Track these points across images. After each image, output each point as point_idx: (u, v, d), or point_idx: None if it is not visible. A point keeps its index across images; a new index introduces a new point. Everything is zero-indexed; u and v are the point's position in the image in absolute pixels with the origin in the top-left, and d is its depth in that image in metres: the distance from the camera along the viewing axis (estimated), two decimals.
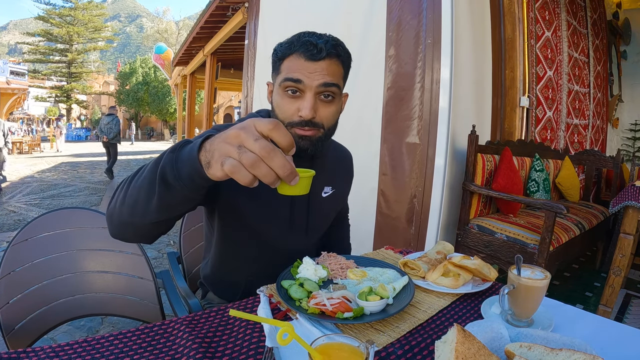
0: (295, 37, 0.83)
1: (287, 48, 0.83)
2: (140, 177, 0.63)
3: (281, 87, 0.83)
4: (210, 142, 0.53)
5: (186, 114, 10.83)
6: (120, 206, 0.66)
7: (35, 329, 0.96)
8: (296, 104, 0.82)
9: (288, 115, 0.83)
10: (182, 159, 0.56)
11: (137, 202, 0.63)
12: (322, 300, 0.70)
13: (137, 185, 0.63)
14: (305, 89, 0.81)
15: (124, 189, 0.66)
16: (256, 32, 4.22)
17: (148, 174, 0.61)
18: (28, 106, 33.67)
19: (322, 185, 1.02)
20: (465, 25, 2.29)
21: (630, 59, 4.79)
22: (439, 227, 2.14)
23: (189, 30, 7.31)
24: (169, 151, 0.59)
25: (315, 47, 0.80)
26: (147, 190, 0.61)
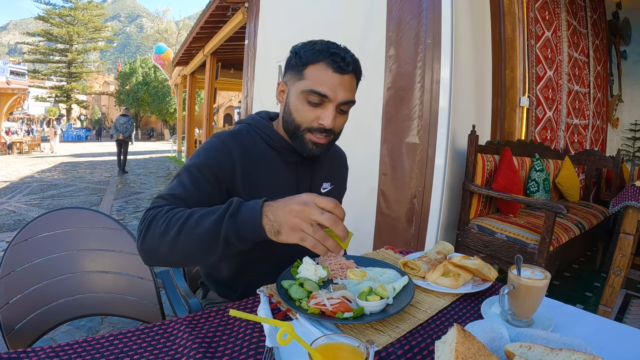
0: (320, 45, 0.86)
1: (313, 55, 0.85)
2: (193, 232, 0.68)
3: (303, 94, 0.86)
4: (272, 211, 0.64)
5: (186, 114, 10.84)
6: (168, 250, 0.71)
7: (35, 329, 0.96)
8: (316, 112, 0.86)
9: (307, 121, 0.87)
10: (243, 224, 0.65)
11: (195, 252, 0.70)
12: (322, 300, 0.70)
13: (193, 239, 0.68)
14: (329, 102, 0.85)
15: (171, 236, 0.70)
16: (256, 32, 4.22)
17: (206, 233, 0.67)
18: (28, 106, 33.69)
19: (321, 181, 1.05)
20: (465, 25, 2.29)
21: (630, 59, 4.79)
22: (439, 227, 2.14)
23: (189, 30, 7.31)
24: (228, 216, 0.66)
25: (343, 60, 0.84)
26: (207, 247, 0.68)
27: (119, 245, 1.09)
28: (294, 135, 0.90)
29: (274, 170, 0.94)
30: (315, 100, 0.85)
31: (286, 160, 0.96)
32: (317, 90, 0.84)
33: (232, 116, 29.62)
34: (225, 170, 0.87)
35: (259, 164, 0.92)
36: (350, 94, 0.87)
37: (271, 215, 0.64)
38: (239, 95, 24.02)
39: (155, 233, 0.71)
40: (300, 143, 0.90)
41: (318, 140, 0.88)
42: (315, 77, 0.84)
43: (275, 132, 0.95)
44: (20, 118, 30.02)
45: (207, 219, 0.68)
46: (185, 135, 11.00)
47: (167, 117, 29.04)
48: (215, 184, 0.86)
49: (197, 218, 0.69)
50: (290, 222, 0.62)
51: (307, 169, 1.00)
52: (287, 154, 0.96)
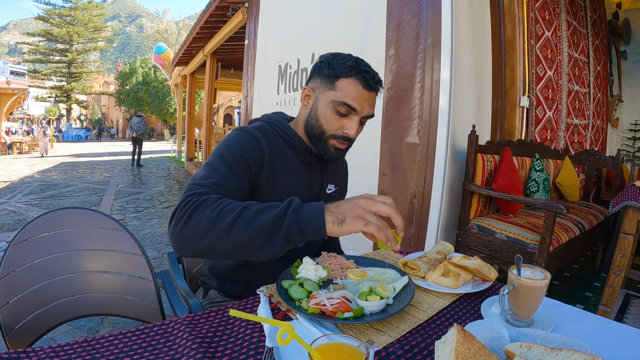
0: (353, 62, 0.92)
1: (346, 69, 0.91)
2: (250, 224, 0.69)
3: (333, 104, 0.92)
4: (335, 207, 0.71)
5: (186, 114, 10.84)
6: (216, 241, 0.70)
7: (35, 329, 0.96)
8: (342, 122, 0.93)
9: (333, 129, 0.94)
10: (307, 219, 0.70)
11: (248, 245, 0.70)
12: (322, 300, 0.70)
13: (250, 232, 0.69)
14: (355, 115, 0.93)
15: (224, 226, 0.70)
16: (256, 32, 4.22)
17: (266, 226, 0.69)
18: (28, 106, 33.70)
19: (327, 182, 1.10)
20: (465, 25, 2.29)
21: (630, 59, 4.79)
22: (439, 227, 2.14)
23: (189, 30, 7.31)
24: (292, 210, 0.70)
25: (373, 79, 0.91)
26: (263, 240, 0.69)
27: (119, 245, 1.09)
28: (318, 139, 0.96)
29: (292, 167, 0.99)
30: (344, 111, 0.92)
31: (302, 159, 1.02)
32: (347, 103, 0.90)
33: (232, 116, 29.62)
34: (257, 162, 0.92)
35: (281, 160, 0.97)
36: (373, 109, 0.95)
37: (334, 209, 0.70)
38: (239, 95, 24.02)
39: (201, 221, 0.70)
40: (323, 147, 0.96)
41: (340, 145, 0.96)
42: (347, 90, 0.91)
43: (294, 132, 1.01)
44: (20, 118, 30.02)
45: (268, 213, 0.70)
46: (185, 135, 11.00)
47: (167, 117, 29.03)
48: (248, 173, 0.90)
49: (256, 211, 0.70)
50: (354, 212, 0.69)
51: (319, 170, 1.06)
52: (303, 153, 1.02)
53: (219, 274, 1.05)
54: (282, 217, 0.69)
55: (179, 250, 0.75)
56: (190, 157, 10.53)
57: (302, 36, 3.36)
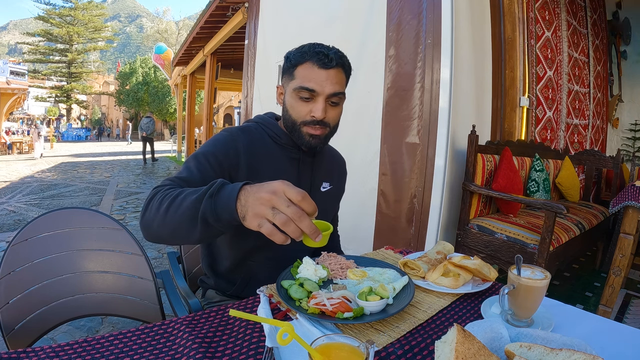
0: (307, 47, 0.94)
1: (300, 56, 0.93)
2: (178, 209, 0.70)
3: (295, 92, 0.94)
4: (245, 196, 0.63)
5: (186, 114, 10.84)
6: (159, 225, 0.73)
7: (35, 329, 0.96)
8: (309, 107, 0.94)
9: (301, 115, 0.95)
10: (220, 206, 0.65)
11: (179, 229, 0.71)
12: (322, 300, 0.70)
13: (177, 216, 0.70)
14: (318, 96, 0.93)
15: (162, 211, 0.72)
16: (256, 32, 4.22)
17: (187, 211, 0.68)
18: (28, 106, 33.70)
19: (321, 180, 1.10)
20: (465, 25, 2.29)
21: (630, 59, 4.79)
22: (439, 227, 2.14)
23: (189, 30, 7.31)
24: (208, 196, 0.66)
25: (326, 57, 0.91)
26: (188, 224, 0.69)
27: (119, 245, 1.09)
28: (293, 130, 0.97)
29: (278, 164, 1.00)
30: (306, 95, 0.93)
31: (290, 156, 1.02)
32: (305, 86, 0.92)
33: (232, 116, 29.61)
34: (230, 160, 0.93)
35: (264, 158, 0.98)
36: (338, 86, 0.94)
37: (243, 199, 0.63)
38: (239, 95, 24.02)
39: (152, 209, 0.75)
40: (299, 136, 0.97)
41: (314, 131, 0.95)
42: (303, 75, 0.93)
43: (280, 129, 1.02)
44: (20, 118, 30.02)
45: (191, 197, 0.69)
46: (185, 135, 11.00)
47: (167, 117, 29.01)
48: (220, 172, 0.91)
49: (184, 196, 0.71)
50: (255, 208, 0.61)
51: (308, 166, 1.05)
52: (290, 150, 1.02)
53: (216, 272, 1.06)
54: (200, 202, 0.67)
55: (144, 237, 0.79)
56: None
57: (302, 36, 3.36)
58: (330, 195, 1.13)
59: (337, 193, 1.17)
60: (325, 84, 0.92)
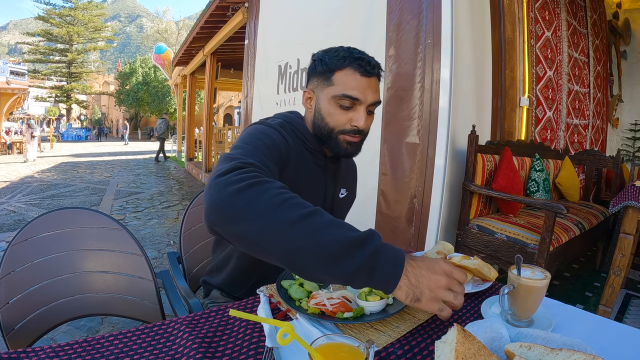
0: (345, 52, 0.90)
1: (339, 60, 0.88)
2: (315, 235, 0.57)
3: (334, 99, 0.90)
4: (415, 274, 0.61)
5: (186, 114, 10.83)
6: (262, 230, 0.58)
7: (35, 329, 0.96)
8: (348, 115, 0.90)
9: (340, 124, 0.91)
10: (381, 270, 0.58)
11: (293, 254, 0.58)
12: (322, 300, 0.70)
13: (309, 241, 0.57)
14: (360, 105, 0.90)
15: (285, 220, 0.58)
16: (256, 32, 4.22)
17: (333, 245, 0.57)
18: (28, 106, 33.69)
19: (340, 187, 1.09)
20: (465, 25, 2.29)
21: (630, 59, 4.79)
22: (439, 227, 2.14)
23: (189, 30, 7.31)
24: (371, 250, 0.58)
25: (369, 64, 0.89)
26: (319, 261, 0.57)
27: (119, 245, 1.09)
28: (328, 138, 0.93)
29: (309, 169, 0.97)
30: (347, 104, 0.89)
31: (317, 162, 0.99)
32: (348, 94, 0.88)
33: (232, 116, 29.61)
34: (282, 156, 0.87)
35: (301, 161, 0.95)
36: (377, 95, 0.92)
37: (413, 278, 0.60)
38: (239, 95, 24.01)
39: (259, 200, 0.60)
40: (336, 144, 0.93)
41: (352, 139, 0.92)
42: (344, 82, 0.88)
43: (310, 133, 0.98)
44: (20, 118, 29.99)
45: (343, 231, 0.58)
46: (185, 135, 11.00)
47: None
48: (279, 164, 0.84)
49: (329, 222, 0.59)
50: (435, 292, 0.62)
51: (332, 174, 1.04)
52: (318, 156, 0.99)
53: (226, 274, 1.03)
54: (358, 248, 0.57)
55: (212, 220, 0.61)
56: (190, 157, 10.52)
57: (302, 36, 3.36)
58: (347, 200, 1.13)
59: (351, 198, 1.17)
60: (368, 92, 0.89)
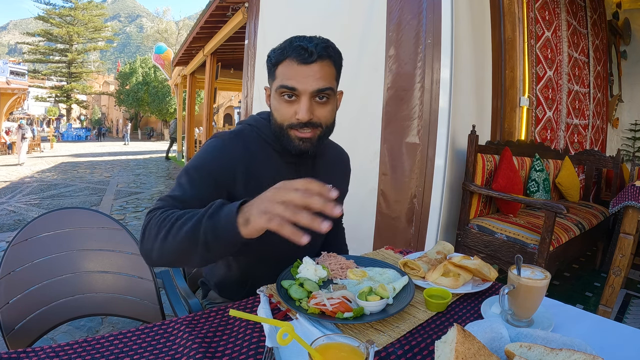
0: (287, 43, 0.86)
1: (280, 54, 0.86)
2: (178, 234, 0.68)
3: (277, 93, 0.87)
4: (247, 207, 0.62)
5: (186, 114, 10.83)
6: (159, 252, 0.72)
7: (35, 329, 0.96)
8: (293, 108, 0.86)
9: (286, 118, 0.87)
10: (221, 223, 0.64)
11: (180, 254, 0.70)
12: (322, 300, 0.70)
13: (177, 242, 0.68)
14: (301, 94, 0.84)
15: (160, 238, 0.70)
16: (256, 32, 4.22)
17: (187, 235, 0.67)
18: (28, 106, 33.68)
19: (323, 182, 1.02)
20: (465, 25, 2.29)
21: (630, 59, 4.79)
22: (439, 227, 2.14)
23: (189, 30, 7.31)
24: (207, 216, 0.66)
25: (306, 51, 0.83)
26: (188, 248, 0.67)
27: (119, 245, 1.09)
28: (281, 134, 0.90)
29: (276, 171, 0.93)
30: (288, 95, 0.85)
31: (286, 161, 0.95)
32: (285, 84, 0.84)
33: (232, 116, 29.60)
34: (225, 173, 0.87)
35: (261, 164, 0.92)
36: (323, 81, 0.84)
37: (246, 209, 0.62)
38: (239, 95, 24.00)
39: (150, 235, 0.73)
40: (287, 141, 0.89)
41: (303, 134, 0.87)
42: (283, 73, 0.85)
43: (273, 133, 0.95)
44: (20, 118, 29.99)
45: (190, 221, 0.68)
46: (185, 135, 11.00)
47: (167, 117, 29.00)
48: (214, 187, 0.85)
49: (184, 220, 0.69)
50: (261, 206, 0.60)
51: (308, 169, 0.99)
52: (286, 154, 0.95)
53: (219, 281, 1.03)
54: (199, 223, 0.66)
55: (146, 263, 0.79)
56: (190, 157, 10.53)
57: None
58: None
59: (341, 196, 1.11)
60: (308, 80, 0.83)
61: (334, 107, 0.91)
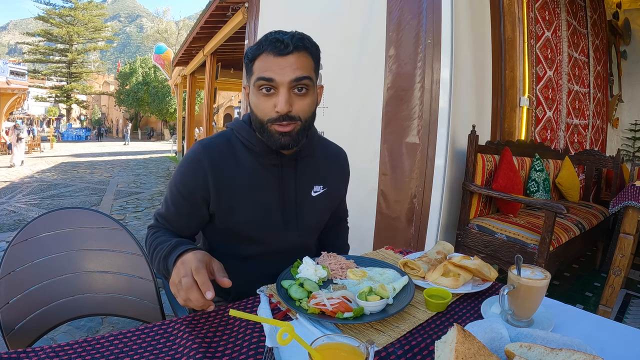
0: (262, 38, 0.86)
1: (256, 49, 0.85)
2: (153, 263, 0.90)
3: (255, 87, 0.85)
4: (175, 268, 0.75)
5: (186, 114, 10.84)
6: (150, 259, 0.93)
7: (35, 329, 0.96)
8: (272, 101, 0.84)
9: (266, 112, 0.85)
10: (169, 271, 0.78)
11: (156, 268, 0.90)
12: (322, 300, 0.70)
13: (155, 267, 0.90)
14: (279, 86, 0.83)
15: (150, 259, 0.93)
16: (256, 32, 4.22)
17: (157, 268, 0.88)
18: (28, 106, 33.67)
19: (312, 184, 1.01)
20: (465, 25, 2.29)
21: (630, 59, 4.79)
22: (439, 227, 2.14)
23: (189, 30, 7.31)
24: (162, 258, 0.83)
25: (282, 42, 0.82)
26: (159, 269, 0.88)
27: (119, 245, 1.09)
28: (262, 131, 0.88)
29: (253, 175, 0.92)
30: (266, 87, 0.84)
31: (267, 163, 0.94)
32: (262, 76, 0.83)
33: (232, 116, 29.60)
34: (199, 185, 0.90)
35: (235, 171, 0.91)
36: (300, 71, 0.83)
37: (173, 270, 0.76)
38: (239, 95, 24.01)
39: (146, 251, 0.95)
40: (269, 137, 0.87)
41: (282, 128, 0.85)
42: (260, 67, 0.84)
43: (254, 136, 0.93)
44: (20, 118, 29.99)
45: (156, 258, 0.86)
46: (185, 135, 11.00)
47: (167, 117, 29.01)
48: (189, 201, 0.92)
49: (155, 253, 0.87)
50: (171, 280, 0.73)
51: (291, 170, 0.96)
52: (267, 157, 0.93)
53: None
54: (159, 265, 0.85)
55: None
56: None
57: None
58: (325, 198, 1.03)
59: (334, 195, 1.07)
60: (284, 71, 0.81)
61: (314, 100, 0.89)
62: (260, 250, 0.98)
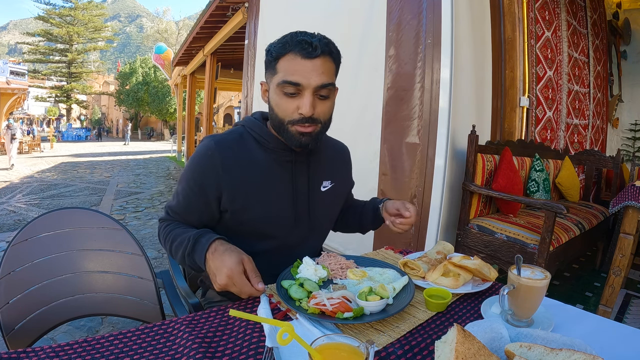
0: (288, 37, 0.85)
1: (281, 47, 0.85)
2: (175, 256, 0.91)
3: (279, 88, 0.86)
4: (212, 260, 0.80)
5: (186, 114, 10.84)
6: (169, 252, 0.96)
7: (35, 329, 0.96)
8: (295, 103, 0.85)
9: (288, 113, 0.86)
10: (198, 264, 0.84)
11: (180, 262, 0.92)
12: (322, 300, 0.70)
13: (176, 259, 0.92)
14: (304, 90, 0.84)
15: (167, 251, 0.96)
16: (256, 32, 4.22)
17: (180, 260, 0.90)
18: (28, 106, 33.68)
19: (321, 180, 1.03)
20: (465, 25, 2.29)
21: (630, 59, 4.79)
22: (439, 227, 2.14)
23: (189, 30, 7.31)
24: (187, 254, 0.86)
25: (310, 45, 0.82)
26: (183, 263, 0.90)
27: (119, 245, 1.09)
28: (281, 130, 0.89)
29: (266, 172, 0.93)
30: (291, 91, 0.84)
31: (280, 159, 0.95)
32: (288, 80, 0.83)
33: (232, 116, 29.61)
34: (211, 181, 0.90)
35: (250, 168, 0.92)
36: (326, 76, 0.85)
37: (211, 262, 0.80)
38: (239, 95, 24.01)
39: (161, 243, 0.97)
40: (289, 136, 0.89)
41: (304, 129, 0.87)
42: (286, 68, 0.84)
43: (267, 133, 0.95)
44: (20, 118, 29.99)
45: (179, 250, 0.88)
46: (185, 135, 11.00)
47: (167, 117, 29.02)
48: (204, 194, 0.92)
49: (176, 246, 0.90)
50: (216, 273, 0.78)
51: (304, 167, 0.98)
52: (281, 153, 0.95)
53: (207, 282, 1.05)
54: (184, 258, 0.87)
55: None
56: (189, 157, 10.51)
57: None
58: (333, 193, 1.06)
59: (341, 189, 1.11)
60: (311, 75, 0.82)
61: (333, 103, 0.92)
62: (269, 246, 0.97)
